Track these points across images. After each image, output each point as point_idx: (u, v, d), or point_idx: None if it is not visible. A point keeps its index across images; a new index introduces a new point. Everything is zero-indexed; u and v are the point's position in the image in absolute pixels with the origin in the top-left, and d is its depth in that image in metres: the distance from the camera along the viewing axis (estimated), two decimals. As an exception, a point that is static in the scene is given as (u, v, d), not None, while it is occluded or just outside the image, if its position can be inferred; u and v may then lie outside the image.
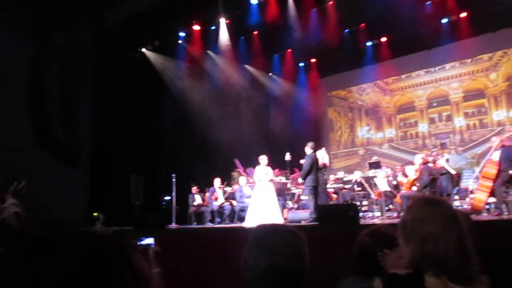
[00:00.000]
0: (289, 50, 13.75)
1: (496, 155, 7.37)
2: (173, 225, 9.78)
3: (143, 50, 12.33)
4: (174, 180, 10.13)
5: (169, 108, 12.05)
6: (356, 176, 10.56)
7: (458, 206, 8.77)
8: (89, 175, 10.68)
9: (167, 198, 11.00)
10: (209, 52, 12.76)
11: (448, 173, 8.60)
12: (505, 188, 7.33)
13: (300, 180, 8.26)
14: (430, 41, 12.40)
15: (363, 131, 15.21)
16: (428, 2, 10.94)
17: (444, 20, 11.76)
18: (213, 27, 12.01)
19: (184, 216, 10.83)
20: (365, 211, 10.61)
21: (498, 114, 12.51)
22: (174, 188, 10.13)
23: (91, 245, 0.72)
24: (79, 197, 10.25)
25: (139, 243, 2.97)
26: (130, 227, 7.63)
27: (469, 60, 13.08)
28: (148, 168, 11.40)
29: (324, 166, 8.79)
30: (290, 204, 10.39)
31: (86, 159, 10.74)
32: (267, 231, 1.42)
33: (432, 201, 1.58)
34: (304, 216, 8.38)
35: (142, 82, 11.73)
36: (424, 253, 1.45)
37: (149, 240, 2.97)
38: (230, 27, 11.87)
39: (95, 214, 10.06)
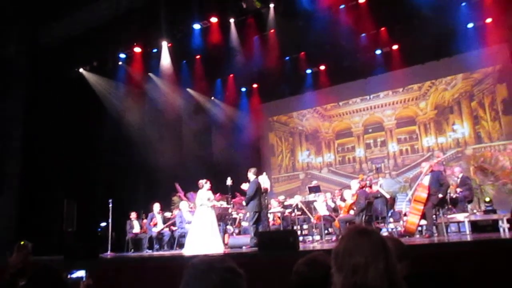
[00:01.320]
0: (231, 75, 13.89)
1: (426, 180, 7.79)
2: (109, 253, 9.36)
3: (81, 70, 11.93)
4: (110, 205, 9.78)
5: (107, 131, 11.65)
6: (296, 200, 10.70)
7: (392, 228, 9.12)
8: (18, 200, 10.00)
9: (103, 224, 10.55)
10: (151, 74, 12.59)
11: (382, 196, 8.95)
12: (435, 211, 7.74)
13: (243, 203, 8.23)
14: (366, 71, 13.08)
15: (303, 156, 15.54)
16: (363, 34, 11.54)
17: (378, 52, 12.45)
18: (155, 50, 11.88)
19: (120, 244, 10.41)
20: (305, 234, 10.77)
21: (428, 140, 13.29)
22: (110, 214, 9.76)
23: None
24: (5, 223, 9.56)
25: (69, 276, 2.79)
26: (61, 256, 7.18)
27: (401, 89, 13.88)
28: (83, 193, 10.87)
29: (266, 191, 8.83)
30: (231, 229, 10.30)
31: (15, 183, 10.08)
32: (204, 268, 1.35)
33: (362, 231, 1.60)
34: (245, 241, 8.33)
35: (79, 103, 11.26)
36: (354, 284, 1.47)
37: (80, 273, 2.80)
38: (172, 51, 11.80)
39: (22, 242, 9.38)
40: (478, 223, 7.86)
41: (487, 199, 8.90)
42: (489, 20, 10.96)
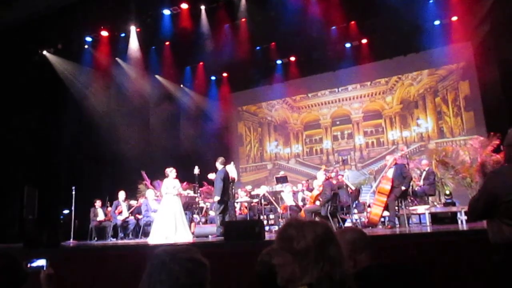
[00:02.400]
0: (201, 63, 13.74)
1: (390, 172, 7.98)
2: (71, 242, 9.17)
3: (45, 52, 11.51)
4: (74, 192, 9.56)
5: (71, 116, 11.31)
6: (263, 190, 10.76)
7: (356, 219, 9.32)
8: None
9: (66, 212, 10.30)
10: (118, 59, 12.28)
11: (347, 186, 9.15)
12: (398, 203, 7.96)
13: (216, 199, 8.12)
14: (335, 63, 13.21)
15: (272, 146, 15.62)
16: (333, 27, 11.63)
17: (348, 45, 12.59)
18: (123, 34, 11.60)
19: (84, 232, 10.20)
20: (272, 224, 10.86)
21: (393, 134, 13.62)
22: (73, 201, 9.55)
23: None
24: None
25: (29, 265, 2.69)
26: (21, 244, 6.96)
27: (368, 83, 14.12)
28: (45, 180, 10.55)
29: (233, 180, 8.83)
30: (197, 218, 10.27)
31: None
32: (166, 258, 1.36)
33: (315, 222, 1.62)
34: (211, 230, 8.31)
35: (42, 87, 10.89)
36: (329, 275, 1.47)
37: (41, 262, 2.70)
38: (140, 36, 11.56)
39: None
40: (438, 215, 8.12)
41: (447, 192, 9.20)
42: (454, 18, 11.26)
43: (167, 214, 8.25)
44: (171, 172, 8.55)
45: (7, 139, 10.09)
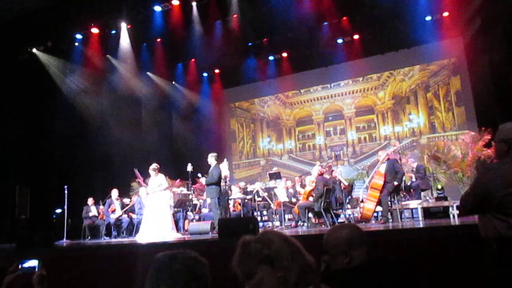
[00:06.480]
0: (193, 60, 13.68)
1: (382, 168, 8.01)
2: (64, 241, 9.12)
3: (34, 50, 11.38)
4: (66, 191, 9.51)
5: (62, 114, 11.20)
6: (257, 186, 10.77)
7: (350, 214, 9.35)
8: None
9: (58, 211, 10.24)
10: (109, 57, 12.18)
11: (339, 182, 9.19)
12: (390, 198, 8.00)
13: (203, 182, 8.19)
14: (327, 59, 13.20)
15: (265, 142, 15.62)
16: (325, 23, 11.63)
17: (340, 41, 12.59)
18: (114, 31, 11.49)
19: (77, 231, 10.14)
20: (266, 220, 10.87)
21: (385, 129, 13.67)
22: (66, 200, 9.51)
23: None
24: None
25: (20, 266, 2.66)
26: (13, 245, 6.90)
27: (360, 79, 14.15)
28: (37, 179, 10.46)
29: (225, 178, 8.83)
30: (191, 215, 10.25)
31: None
32: (167, 260, 1.39)
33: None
34: (205, 227, 8.31)
35: (32, 85, 10.76)
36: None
37: (33, 263, 2.67)
38: (131, 33, 11.47)
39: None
40: (430, 209, 8.18)
41: (439, 187, 9.27)
42: (446, 13, 11.30)
43: (153, 212, 8.30)
44: (152, 170, 8.62)
45: (0, 139, 9.98)
